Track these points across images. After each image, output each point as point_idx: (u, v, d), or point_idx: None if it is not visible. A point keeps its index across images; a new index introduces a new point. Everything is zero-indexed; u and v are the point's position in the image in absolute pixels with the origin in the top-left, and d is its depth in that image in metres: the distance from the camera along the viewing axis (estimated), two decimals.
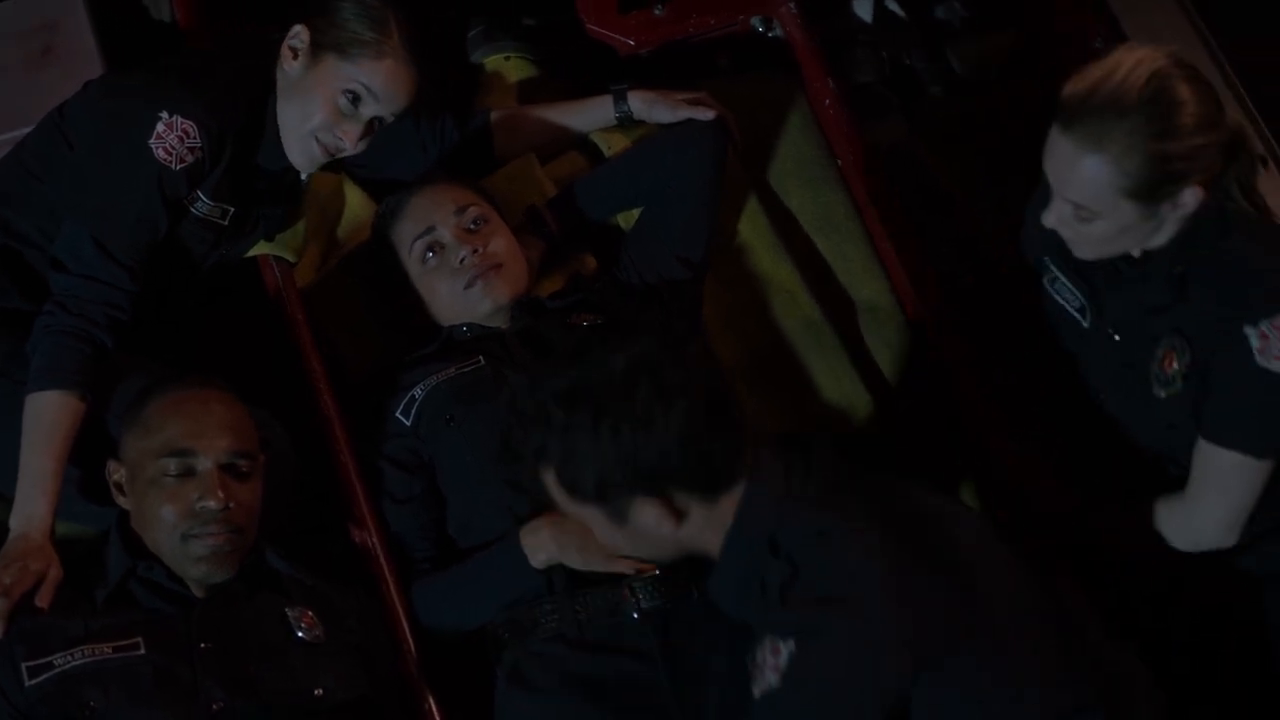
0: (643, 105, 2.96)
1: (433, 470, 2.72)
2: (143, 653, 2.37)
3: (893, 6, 3.44)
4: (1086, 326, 2.62)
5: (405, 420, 2.72)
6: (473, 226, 2.81)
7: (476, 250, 2.78)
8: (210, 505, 2.42)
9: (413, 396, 2.73)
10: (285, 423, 2.70)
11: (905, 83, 3.46)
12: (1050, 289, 2.67)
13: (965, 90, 3.47)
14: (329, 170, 2.89)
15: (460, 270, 2.78)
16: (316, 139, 2.69)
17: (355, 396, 2.80)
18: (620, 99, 2.98)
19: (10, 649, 2.36)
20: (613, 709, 2.52)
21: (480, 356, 2.75)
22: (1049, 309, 2.69)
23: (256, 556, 2.52)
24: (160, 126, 2.59)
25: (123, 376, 2.61)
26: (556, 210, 2.95)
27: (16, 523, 2.47)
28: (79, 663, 2.35)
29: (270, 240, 2.88)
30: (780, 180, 3.11)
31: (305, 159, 2.74)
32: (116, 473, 2.51)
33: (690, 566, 2.58)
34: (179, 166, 2.61)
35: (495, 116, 3.03)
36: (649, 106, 2.95)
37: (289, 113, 2.71)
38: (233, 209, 2.74)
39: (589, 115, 3.02)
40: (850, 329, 3.03)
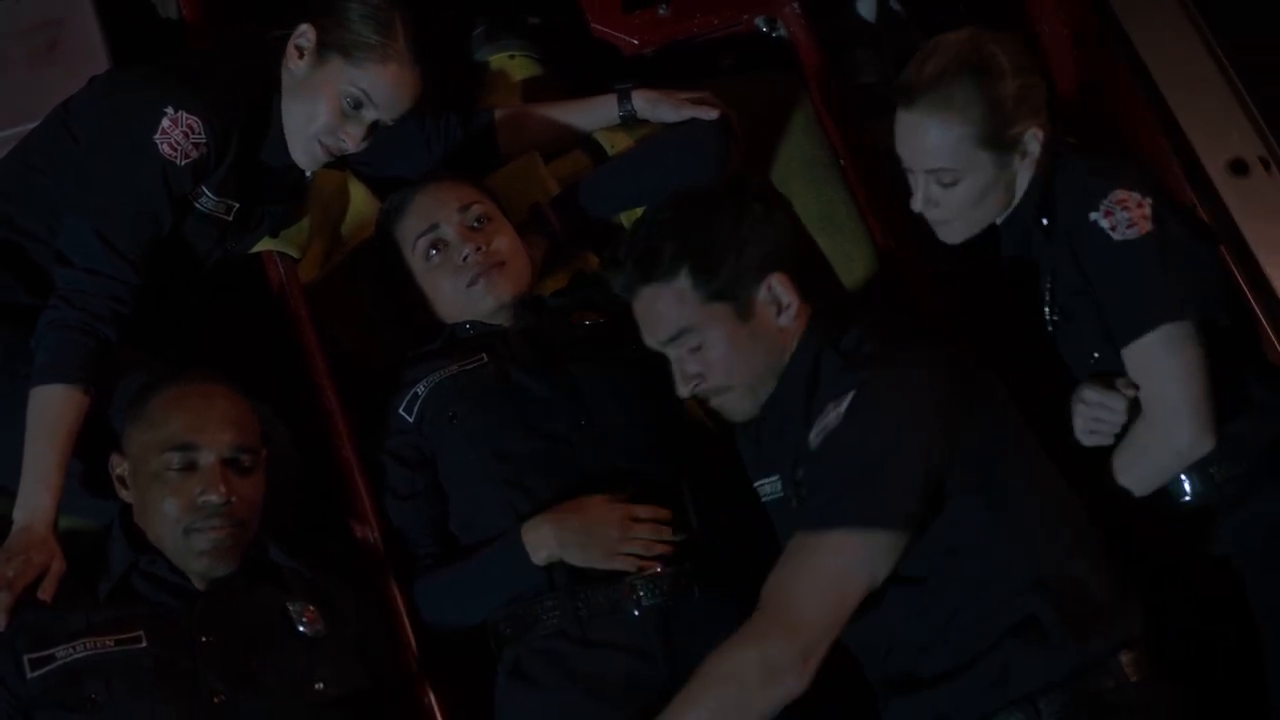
0: (646, 104, 2.96)
1: (435, 467, 2.72)
2: (144, 646, 2.38)
3: (895, 6, 3.44)
4: (1051, 326, 2.63)
5: (408, 417, 2.72)
6: (476, 224, 2.82)
7: (480, 248, 2.78)
8: (212, 499, 2.43)
9: (415, 393, 2.73)
10: (288, 418, 2.70)
11: None
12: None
13: None
14: (333, 167, 2.90)
15: (463, 268, 2.78)
16: (320, 141, 2.70)
17: (358, 393, 2.81)
18: (624, 98, 2.98)
19: (12, 641, 2.37)
20: (613, 705, 2.53)
21: (483, 354, 2.75)
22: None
23: (258, 551, 2.53)
24: (165, 122, 2.60)
25: (126, 371, 2.61)
26: (560, 209, 2.95)
27: (20, 516, 2.47)
28: (81, 655, 2.36)
29: (274, 236, 2.89)
30: (783, 180, 3.11)
31: (308, 159, 2.75)
32: (119, 466, 2.51)
33: (691, 564, 2.60)
34: (184, 162, 2.61)
35: (499, 115, 3.03)
36: (652, 106, 2.95)
37: (294, 113, 2.72)
38: (237, 205, 2.75)
39: (593, 114, 3.03)
40: None
